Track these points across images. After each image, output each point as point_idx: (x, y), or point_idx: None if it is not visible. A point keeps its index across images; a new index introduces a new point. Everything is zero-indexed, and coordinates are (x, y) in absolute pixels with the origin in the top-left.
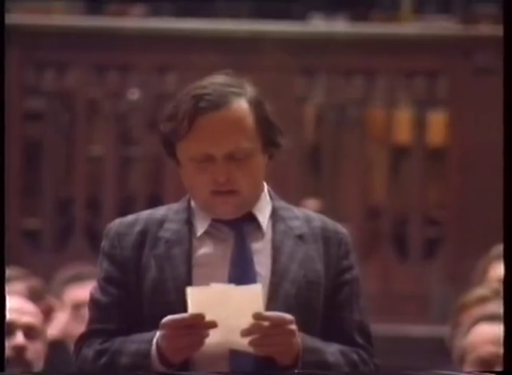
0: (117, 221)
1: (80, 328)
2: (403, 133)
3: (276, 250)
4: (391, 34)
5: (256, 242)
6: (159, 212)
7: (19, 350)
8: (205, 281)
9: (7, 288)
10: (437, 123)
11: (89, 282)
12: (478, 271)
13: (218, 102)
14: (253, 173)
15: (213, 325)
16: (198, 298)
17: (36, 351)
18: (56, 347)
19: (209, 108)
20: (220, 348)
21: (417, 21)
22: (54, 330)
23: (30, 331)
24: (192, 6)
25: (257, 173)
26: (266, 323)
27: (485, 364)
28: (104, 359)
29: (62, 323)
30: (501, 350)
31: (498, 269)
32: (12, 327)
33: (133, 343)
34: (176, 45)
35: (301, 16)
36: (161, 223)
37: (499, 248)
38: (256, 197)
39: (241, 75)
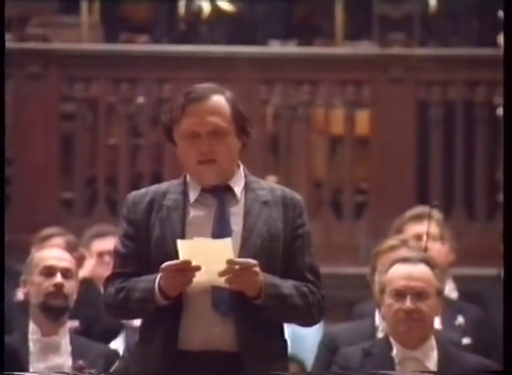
0: (133, 193)
1: (103, 270)
2: (338, 126)
3: (247, 212)
4: (329, 54)
5: (232, 207)
6: (163, 186)
7: (59, 286)
8: (195, 236)
9: (49, 242)
10: (363, 119)
11: (108, 237)
12: (393, 229)
13: (203, 95)
14: (229, 148)
15: (198, 268)
16: (185, 248)
17: (71, 288)
18: (87, 284)
19: (195, 99)
20: (205, 285)
21: (348, 45)
22: (85, 272)
23: (66, 273)
24: (182, 35)
25: (232, 150)
26: (237, 267)
27: (398, 293)
28: (122, 295)
29: (91, 267)
30: (411, 283)
31: (412, 228)
32: (53, 270)
33: (142, 282)
34: (172, 64)
35: (263, 42)
36: (164, 193)
37: (413, 211)
38: (231, 169)
39: (219, 85)
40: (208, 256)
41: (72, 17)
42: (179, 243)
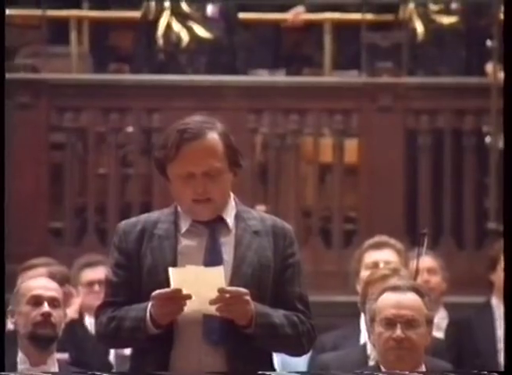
0: (123, 222)
1: (92, 299)
2: (326, 155)
3: (238, 242)
4: (317, 83)
5: (224, 237)
6: (154, 215)
7: (47, 315)
8: (186, 265)
9: (36, 271)
10: (351, 148)
11: (98, 267)
12: (354, 259)
13: (197, 134)
14: (222, 186)
15: (189, 297)
16: (177, 276)
17: (59, 317)
18: (74, 323)
19: (190, 139)
20: (196, 314)
21: (336, 74)
22: (72, 311)
23: (53, 302)
24: (167, 65)
25: (226, 186)
26: (227, 295)
27: (388, 322)
28: (113, 324)
29: (80, 298)
30: (401, 311)
31: (370, 256)
32: (40, 299)
33: (133, 310)
34: (161, 93)
35: (244, 70)
36: (155, 223)
37: (372, 240)
38: (225, 203)
39: (209, 115)
40: (199, 284)
41: (62, 47)
42: (171, 271)
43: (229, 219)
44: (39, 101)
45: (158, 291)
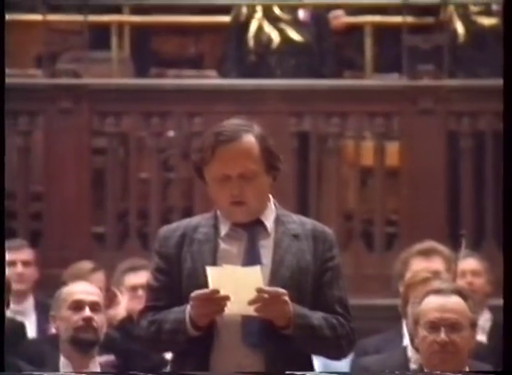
0: (165, 228)
1: (136, 304)
2: (368, 158)
3: (276, 246)
4: (358, 86)
5: (262, 240)
6: (195, 219)
7: (88, 320)
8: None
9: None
10: (393, 151)
11: (140, 271)
12: (400, 261)
13: (232, 137)
14: (258, 189)
15: (227, 298)
16: (215, 275)
17: (100, 321)
18: (124, 322)
19: (226, 141)
20: (235, 317)
21: (377, 77)
22: (121, 310)
23: (94, 306)
24: (256, 67)
25: (262, 189)
26: (266, 295)
27: (432, 325)
28: (154, 327)
29: (125, 302)
30: (445, 315)
31: (418, 263)
32: (81, 304)
33: (173, 313)
34: (202, 97)
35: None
36: (196, 228)
37: (421, 245)
38: (262, 206)
39: (250, 118)
40: (237, 284)
41: (103, 52)
42: (209, 270)
43: (269, 222)
44: (80, 106)
45: (196, 292)
